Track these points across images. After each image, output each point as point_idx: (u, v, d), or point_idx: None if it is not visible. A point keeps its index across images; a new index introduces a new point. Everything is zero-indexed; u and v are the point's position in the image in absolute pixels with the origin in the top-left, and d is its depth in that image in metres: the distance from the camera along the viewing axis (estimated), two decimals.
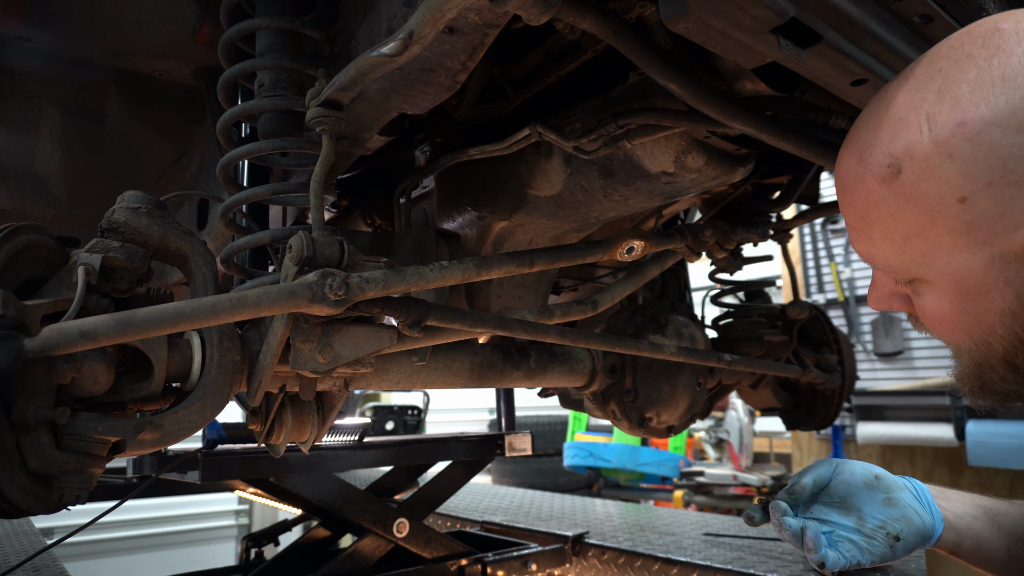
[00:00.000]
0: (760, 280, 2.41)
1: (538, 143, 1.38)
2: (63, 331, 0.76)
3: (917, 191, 0.71)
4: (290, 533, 3.21)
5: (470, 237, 1.59)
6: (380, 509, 2.30)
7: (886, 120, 0.74)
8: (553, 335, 1.29)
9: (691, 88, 1.00)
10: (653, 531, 2.77)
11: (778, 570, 2.11)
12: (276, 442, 1.11)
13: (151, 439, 0.89)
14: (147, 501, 5.81)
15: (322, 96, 0.98)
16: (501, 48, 1.30)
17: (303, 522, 3.21)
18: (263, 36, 1.12)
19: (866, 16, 0.89)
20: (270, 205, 1.35)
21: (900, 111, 0.73)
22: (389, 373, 1.46)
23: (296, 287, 0.89)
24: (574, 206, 1.45)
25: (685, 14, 0.80)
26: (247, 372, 1.02)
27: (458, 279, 1.08)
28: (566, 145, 1.21)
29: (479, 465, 2.74)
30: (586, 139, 1.19)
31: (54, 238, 0.95)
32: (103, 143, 1.50)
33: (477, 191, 1.55)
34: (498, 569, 2.41)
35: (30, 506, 0.81)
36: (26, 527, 2.93)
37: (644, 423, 2.09)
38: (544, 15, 0.81)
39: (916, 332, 4.50)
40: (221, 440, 2.05)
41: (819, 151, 1.22)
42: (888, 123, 0.74)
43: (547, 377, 1.86)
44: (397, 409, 5.15)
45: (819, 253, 5.71)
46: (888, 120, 0.74)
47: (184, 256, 1.00)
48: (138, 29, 1.30)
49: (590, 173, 1.35)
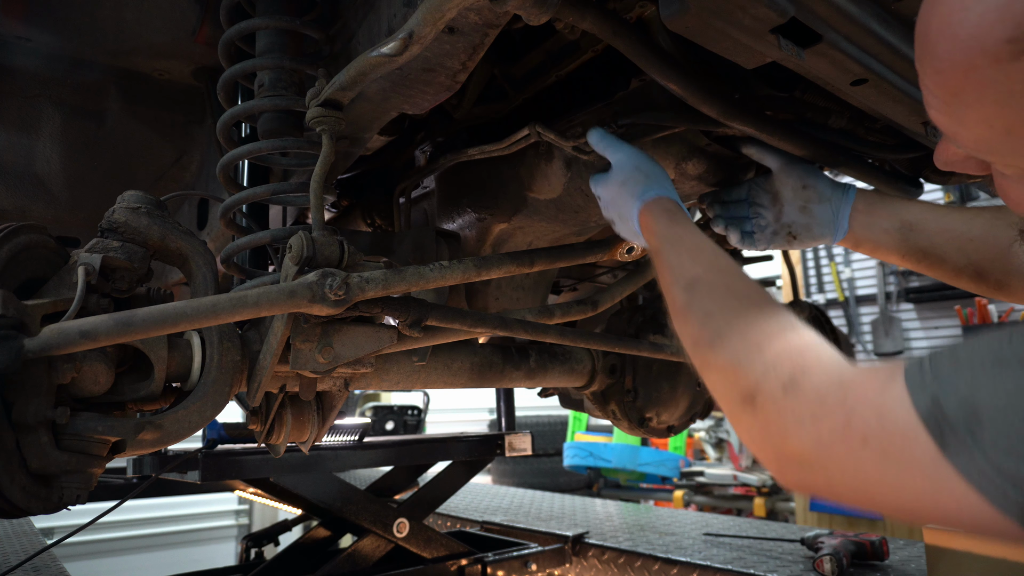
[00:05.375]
0: (760, 280, 2.41)
1: (539, 147, 1.39)
2: (63, 331, 0.76)
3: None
4: (290, 533, 3.21)
5: (469, 238, 1.59)
6: (380, 509, 2.30)
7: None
8: (553, 335, 1.29)
9: (691, 88, 1.00)
10: (653, 531, 2.77)
11: (778, 570, 2.11)
12: (276, 442, 1.11)
13: (151, 439, 0.89)
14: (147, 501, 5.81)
15: (322, 96, 0.98)
16: (501, 48, 1.30)
17: (303, 522, 3.21)
18: (263, 36, 1.12)
19: (866, 16, 0.89)
20: (270, 205, 1.35)
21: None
22: (389, 373, 1.46)
23: (296, 287, 0.89)
24: (574, 210, 1.45)
25: (685, 14, 0.80)
26: (247, 372, 1.02)
27: (458, 279, 1.08)
28: (565, 145, 1.21)
29: (479, 465, 2.74)
30: (584, 139, 1.19)
31: (54, 238, 0.96)
32: (103, 143, 1.49)
33: (477, 193, 1.55)
34: (498, 569, 2.41)
35: (30, 506, 0.81)
36: (26, 527, 2.93)
37: (644, 423, 2.09)
38: (544, 15, 0.81)
39: (918, 328, 4.48)
40: (221, 440, 2.05)
41: (819, 151, 1.22)
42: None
43: (547, 377, 1.86)
44: (397, 409, 5.15)
45: (819, 253, 5.72)
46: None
47: (184, 256, 1.00)
48: (138, 29, 1.30)
49: None
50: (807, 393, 0.69)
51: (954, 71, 0.59)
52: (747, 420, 0.75)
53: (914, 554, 2.28)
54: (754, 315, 0.80)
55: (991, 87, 0.57)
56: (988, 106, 0.59)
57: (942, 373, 0.61)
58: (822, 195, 1.21)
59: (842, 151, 1.27)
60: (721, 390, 0.80)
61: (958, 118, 0.63)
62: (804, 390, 0.70)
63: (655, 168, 1.09)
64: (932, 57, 0.61)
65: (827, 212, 1.20)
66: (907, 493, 0.63)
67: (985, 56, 0.56)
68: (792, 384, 0.70)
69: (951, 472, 0.58)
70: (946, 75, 0.60)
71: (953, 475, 0.58)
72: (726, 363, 0.78)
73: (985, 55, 0.56)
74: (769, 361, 0.74)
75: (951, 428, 0.58)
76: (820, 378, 0.69)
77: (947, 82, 0.61)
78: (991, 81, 0.57)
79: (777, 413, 0.71)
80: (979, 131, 0.62)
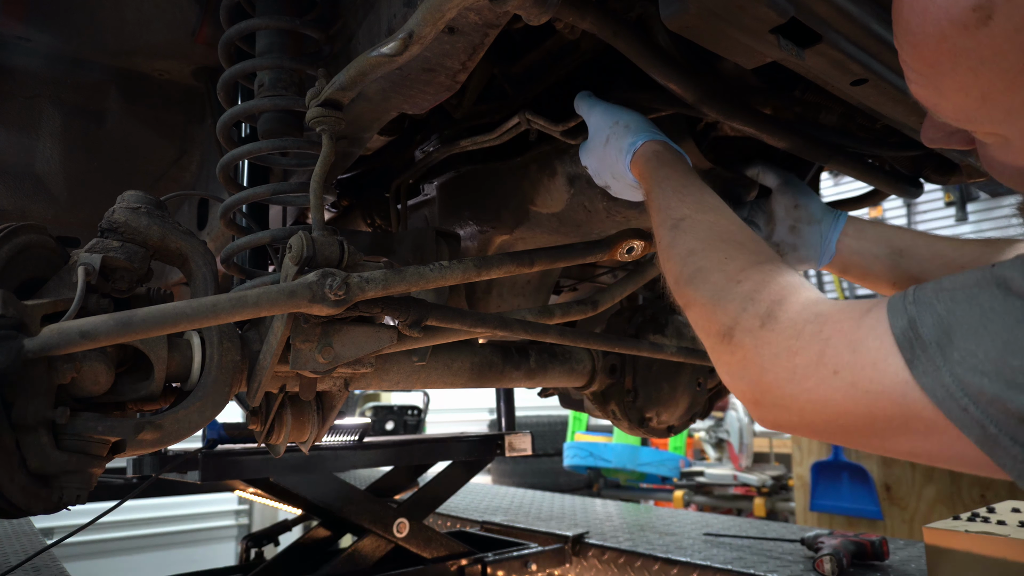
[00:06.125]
0: None
1: (543, 164, 1.39)
2: (63, 331, 0.76)
3: (1012, 43, 0.57)
4: (290, 533, 3.21)
5: (470, 249, 1.59)
6: (380, 509, 2.30)
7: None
8: (553, 335, 1.29)
9: (691, 88, 1.00)
10: (653, 531, 2.77)
11: (778, 570, 2.11)
12: (276, 442, 1.11)
13: (151, 439, 0.89)
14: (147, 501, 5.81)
15: (322, 96, 0.98)
16: (501, 48, 1.30)
17: (303, 522, 3.21)
18: (263, 36, 1.12)
19: (866, 16, 0.89)
20: (270, 205, 1.35)
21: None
22: (389, 373, 1.45)
23: (296, 287, 0.89)
24: (576, 224, 1.45)
25: (685, 14, 0.80)
26: (247, 372, 1.02)
27: (458, 279, 1.08)
28: (554, 130, 1.21)
29: (479, 465, 2.74)
30: (575, 121, 1.18)
31: (54, 238, 0.96)
32: (103, 143, 1.49)
33: (479, 204, 1.55)
34: (498, 569, 2.41)
35: (30, 506, 0.81)
36: (26, 527, 2.92)
37: (644, 423, 2.09)
38: (544, 15, 0.81)
39: None
40: (221, 440, 2.05)
41: (818, 151, 1.22)
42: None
43: (547, 377, 1.86)
44: (397, 409, 5.15)
45: None
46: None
47: (184, 256, 1.00)
48: (138, 29, 1.30)
49: (593, 195, 1.35)
50: (784, 326, 0.69)
51: (927, 42, 0.61)
52: (726, 356, 0.75)
53: (914, 554, 2.28)
54: (735, 251, 0.81)
55: (963, 55, 0.59)
56: (963, 73, 0.61)
57: (923, 298, 0.62)
58: (812, 216, 1.20)
59: (842, 151, 1.27)
60: (701, 326, 0.80)
61: (937, 88, 0.65)
62: (781, 323, 0.70)
63: (634, 117, 1.08)
64: (907, 32, 0.63)
65: (815, 234, 1.19)
66: (876, 422, 0.63)
67: (954, 25, 0.58)
68: (770, 317, 0.71)
69: (918, 395, 0.59)
70: (921, 47, 0.63)
71: (920, 398, 0.59)
72: (705, 298, 0.78)
73: (954, 24, 0.58)
74: (747, 295, 0.74)
75: (922, 347, 0.59)
76: (798, 312, 0.69)
77: (922, 54, 0.63)
78: (963, 49, 0.59)
79: (754, 347, 0.71)
80: (957, 99, 0.64)
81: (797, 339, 0.68)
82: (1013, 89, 0.60)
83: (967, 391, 0.56)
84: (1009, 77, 0.59)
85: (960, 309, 0.59)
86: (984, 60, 0.59)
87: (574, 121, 1.18)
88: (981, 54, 0.59)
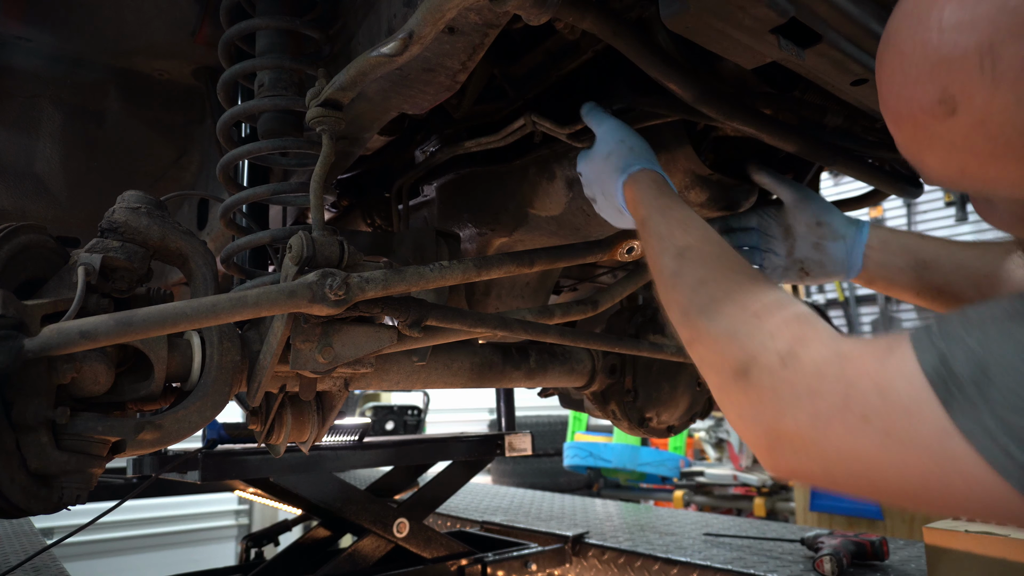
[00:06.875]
0: None
1: (542, 168, 1.39)
2: (63, 331, 0.76)
3: (979, 132, 0.58)
4: (290, 533, 3.21)
5: (469, 252, 1.59)
6: (380, 509, 2.30)
7: (934, 37, 0.58)
8: (553, 335, 1.29)
9: (691, 88, 1.00)
10: (653, 531, 2.77)
11: (778, 570, 2.11)
12: (276, 442, 1.11)
13: (151, 439, 0.89)
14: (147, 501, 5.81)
15: (322, 96, 0.98)
16: (501, 48, 1.30)
17: (303, 522, 3.21)
18: (263, 36, 1.12)
19: (866, 16, 0.89)
20: (270, 205, 1.35)
21: (952, 35, 0.57)
22: (389, 373, 1.46)
23: (296, 287, 0.89)
24: (574, 228, 1.45)
25: (685, 14, 0.80)
26: (247, 372, 1.02)
27: (458, 279, 1.08)
28: (561, 133, 1.20)
29: (479, 465, 2.74)
30: (581, 124, 1.18)
31: (54, 238, 0.96)
32: (103, 143, 1.49)
33: (479, 207, 1.55)
34: (498, 569, 2.41)
35: (30, 506, 0.81)
36: (26, 527, 2.92)
37: (644, 423, 2.09)
38: (544, 15, 0.81)
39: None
40: (221, 440, 2.05)
41: (818, 151, 1.22)
42: (936, 45, 0.58)
43: (547, 377, 1.86)
44: (397, 409, 5.15)
45: None
46: (936, 40, 0.58)
47: (184, 256, 1.00)
48: (138, 29, 1.30)
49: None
50: (806, 366, 0.66)
51: (904, 124, 0.64)
52: (738, 395, 0.71)
53: (914, 554, 2.28)
54: (749, 286, 0.77)
55: (936, 138, 0.61)
56: (940, 152, 0.62)
57: (951, 332, 0.59)
58: (836, 233, 1.19)
59: (842, 151, 1.27)
60: (711, 361, 0.76)
61: (920, 161, 0.66)
62: (803, 363, 0.66)
63: (640, 142, 1.07)
64: (886, 110, 0.66)
65: (841, 250, 1.18)
66: (911, 474, 0.59)
67: (925, 114, 0.60)
68: (791, 356, 0.67)
69: (958, 442, 0.55)
70: (898, 126, 0.65)
71: (959, 445, 0.55)
72: (720, 332, 0.74)
73: (924, 113, 0.60)
74: (767, 332, 0.70)
75: (958, 386, 0.56)
76: (819, 351, 0.66)
77: (900, 132, 0.65)
78: (935, 134, 0.61)
79: (772, 388, 0.67)
80: (938, 171, 0.65)
81: (819, 380, 0.64)
82: (988, 166, 0.61)
83: (1010, 432, 0.53)
84: (981, 159, 0.60)
85: (995, 345, 0.56)
86: (956, 145, 0.60)
87: (580, 124, 1.18)
88: (952, 139, 0.60)
